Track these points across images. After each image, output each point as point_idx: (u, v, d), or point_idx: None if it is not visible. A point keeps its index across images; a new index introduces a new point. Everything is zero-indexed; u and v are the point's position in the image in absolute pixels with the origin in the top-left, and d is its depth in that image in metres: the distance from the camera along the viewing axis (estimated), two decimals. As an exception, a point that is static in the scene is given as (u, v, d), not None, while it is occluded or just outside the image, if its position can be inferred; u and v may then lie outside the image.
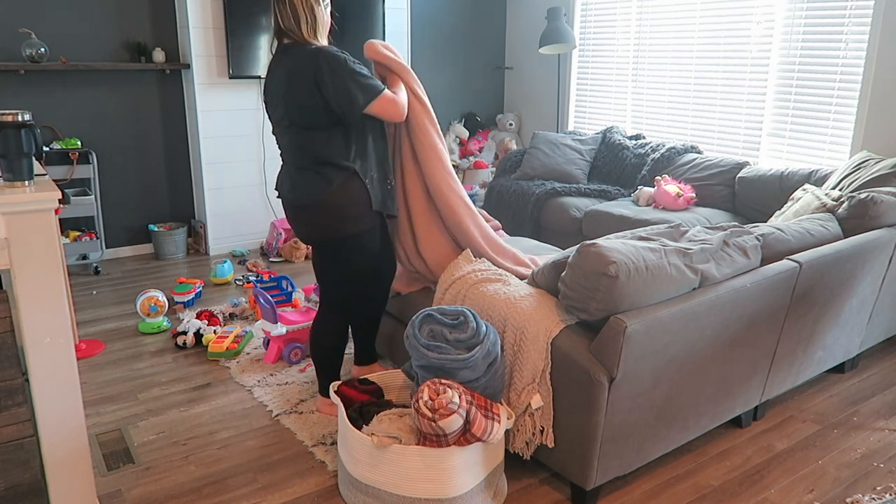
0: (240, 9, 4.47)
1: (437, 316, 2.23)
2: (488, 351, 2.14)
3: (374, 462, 2.10)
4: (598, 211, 4.32)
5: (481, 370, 2.14)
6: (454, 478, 2.07)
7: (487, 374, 2.15)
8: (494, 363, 2.18)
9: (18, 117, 1.77)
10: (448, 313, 2.24)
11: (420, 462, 2.06)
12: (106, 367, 3.17)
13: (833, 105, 4.07)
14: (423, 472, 2.06)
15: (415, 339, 2.19)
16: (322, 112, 2.34)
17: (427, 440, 2.06)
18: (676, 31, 4.88)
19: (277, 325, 3.15)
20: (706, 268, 2.21)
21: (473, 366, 2.12)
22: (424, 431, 2.03)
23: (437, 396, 2.02)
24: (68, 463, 1.90)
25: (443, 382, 2.07)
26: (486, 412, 2.09)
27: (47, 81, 4.29)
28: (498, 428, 2.09)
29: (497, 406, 2.16)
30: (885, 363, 3.26)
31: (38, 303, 1.75)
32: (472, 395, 2.10)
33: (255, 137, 4.82)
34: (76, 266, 4.50)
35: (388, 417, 2.20)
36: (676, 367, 2.19)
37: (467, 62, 6.11)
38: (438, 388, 2.05)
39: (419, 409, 2.01)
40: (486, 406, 2.12)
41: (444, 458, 2.05)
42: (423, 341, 2.17)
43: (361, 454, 2.13)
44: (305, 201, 2.44)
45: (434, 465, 2.06)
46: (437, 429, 1.99)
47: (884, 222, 2.84)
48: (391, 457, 2.08)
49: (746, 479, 2.40)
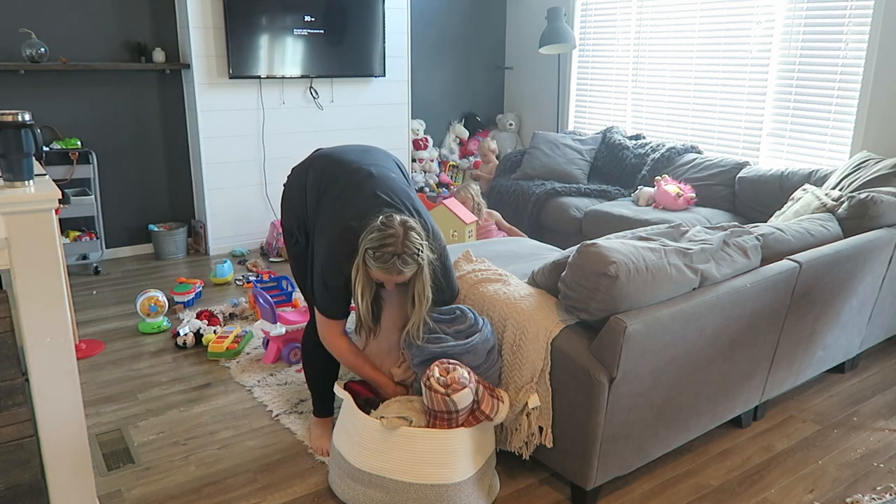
0: (240, 9, 4.47)
1: (433, 315, 2.25)
2: (486, 338, 2.19)
3: (382, 448, 2.11)
4: (598, 211, 4.32)
5: (482, 356, 2.18)
6: (459, 461, 2.10)
7: (487, 361, 2.20)
8: (492, 352, 2.22)
9: (18, 117, 1.77)
10: (443, 311, 2.29)
11: (429, 444, 2.09)
12: (106, 367, 3.17)
13: (833, 105, 4.07)
14: (432, 456, 2.09)
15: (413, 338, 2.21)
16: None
17: (438, 419, 2.08)
18: (676, 32, 4.88)
19: (277, 325, 3.15)
20: (706, 268, 2.21)
21: (474, 351, 2.16)
22: (436, 409, 2.06)
23: (448, 374, 2.06)
24: (68, 463, 1.90)
25: (451, 362, 2.11)
26: (492, 392, 2.15)
27: (47, 81, 4.29)
28: (503, 407, 2.15)
29: (499, 390, 2.21)
30: (885, 363, 3.26)
31: (38, 303, 1.75)
32: (478, 376, 2.15)
33: (255, 137, 4.82)
34: (76, 266, 4.50)
35: (397, 402, 2.22)
36: (676, 367, 2.19)
37: (467, 62, 6.11)
38: (448, 366, 2.09)
39: (431, 385, 2.04)
40: (490, 388, 2.17)
41: (452, 441, 2.09)
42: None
43: (368, 440, 2.14)
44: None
45: (442, 448, 2.09)
46: (450, 403, 2.02)
47: (884, 222, 2.84)
48: (399, 440, 2.09)
49: (746, 479, 2.40)
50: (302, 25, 4.70)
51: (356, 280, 2.10)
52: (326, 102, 5.04)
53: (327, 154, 2.39)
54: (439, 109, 6.08)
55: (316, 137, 5.00)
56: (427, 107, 5.95)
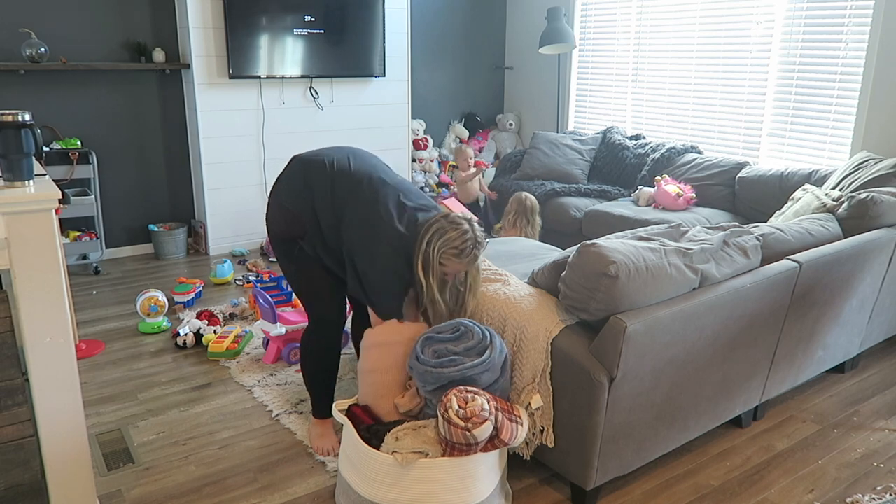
0: (240, 9, 4.47)
1: (435, 336, 2.18)
2: (500, 350, 2.13)
3: (397, 481, 2.02)
4: (598, 211, 4.32)
5: (498, 371, 2.12)
6: (479, 484, 2.05)
7: (504, 373, 2.15)
8: (507, 361, 2.17)
9: (18, 117, 1.77)
10: (444, 330, 2.20)
11: (452, 472, 2.01)
12: (106, 367, 3.17)
13: (833, 105, 4.07)
14: (454, 483, 2.01)
15: (423, 363, 2.11)
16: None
17: (455, 450, 1.99)
18: (676, 32, 4.88)
19: (277, 325, 3.15)
20: (706, 268, 2.21)
21: (492, 367, 2.09)
22: (455, 441, 1.96)
23: (467, 405, 1.97)
24: (68, 463, 1.90)
25: (469, 390, 2.02)
26: (510, 415, 2.06)
27: (47, 81, 4.29)
28: (521, 431, 2.07)
29: (517, 408, 2.14)
30: (885, 363, 3.26)
31: (38, 303, 1.75)
32: (496, 400, 2.06)
33: (255, 137, 4.82)
34: (76, 266, 4.50)
35: (405, 433, 2.09)
36: (676, 367, 2.19)
37: (467, 62, 6.11)
38: (466, 395, 1.99)
39: (450, 418, 1.95)
40: (508, 409, 2.09)
41: (469, 468, 2.02)
42: (432, 362, 2.10)
43: (380, 475, 2.04)
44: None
45: (466, 474, 2.02)
46: (471, 437, 1.94)
47: (884, 222, 2.84)
48: (417, 473, 2.01)
49: (746, 479, 2.40)
50: (302, 25, 4.70)
51: (430, 280, 2.22)
52: (326, 102, 5.04)
53: (319, 164, 2.35)
54: (439, 109, 6.08)
55: (316, 137, 5.00)
56: (427, 107, 5.95)
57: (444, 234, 2.19)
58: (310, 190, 2.32)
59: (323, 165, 2.35)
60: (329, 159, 2.36)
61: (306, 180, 2.34)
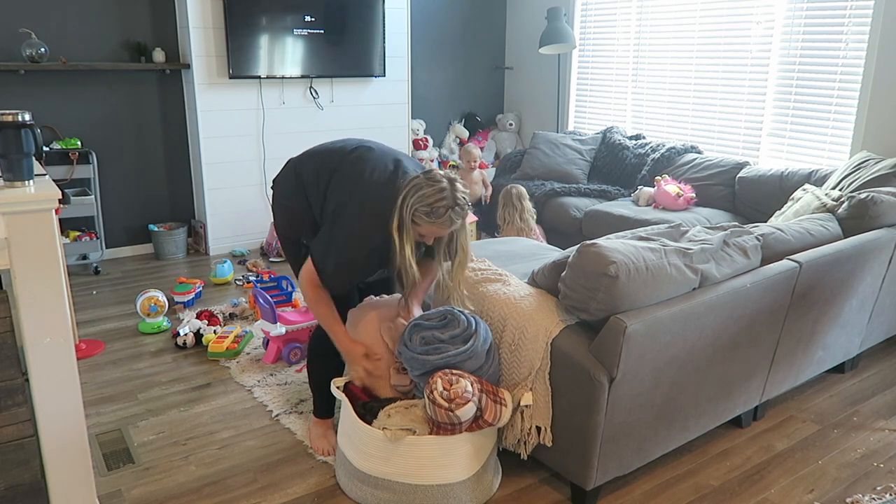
0: (240, 9, 4.47)
1: (423, 323, 2.24)
2: (484, 338, 2.19)
3: (387, 455, 2.14)
4: (598, 211, 4.32)
5: (482, 358, 2.18)
6: (462, 462, 2.15)
7: (488, 361, 2.20)
8: (492, 349, 2.23)
9: (18, 117, 1.77)
10: (433, 317, 2.24)
11: (437, 450, 2.12)
12: (106, 367, 3.17)
13: (833, 105, 4.07)
14: (436, 460, 2.12)
15: (410, 350, 2.19)
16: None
17: (441, 429, 2.10)
18: (676, 32, 4.88)
19: (277, 326, 3.15)
20: (706, 268, 2.21)
21: (475, 354, 2.15)
22: (440, 421, 2.07)
23: (451, 386, 2.06)
24: (68, 463, 1.90)
25: (454, 372, 2.11)
26: (495, 397, 2.15)
27: (47, 81, 4.29)
28: (506, 412, 2.16)
29: (502, 391, 2.21)
30: (885, 363, 3.26)
31: (38, 303, 1.75)
32: (481, 382, 2.15)
33: (255, 137, 4.82)
34: (76, 266, 4.50)
35: (396, 410, 2.22)
36: (676, 367, 2.19)
37: (467, 62, 6.11)
38: (451, 378, 2.09)
39: (434, 399, 2.05)
40: (493, 391, 2.17)
41: (455, 446, 2.13)
42: (418, 349, 2.18)
43: (372, 448, 2.17)
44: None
45: (450, 451, 2.12)
46: (454, 417, 2.04)
47: (884, 222, 2.84)
48: (405, 448, 2.12)
49: (746, 479, 2.40)
50: (302, 25, 4.70)
51: (403, 241, 2.08)
52: (326, 102, 5.04)
53: (309, 153, 2.40)
54: (439, 109, 6.08)
55: (316, 137, 4.94)
56: (427, 107, 5.95)
57: (419, 189, 2.04)
58: (300, 180, 2.35)
59: (311, 154, 2.39)
60: (316, 147, 2.41)
61: (297, 174, 2.37)
